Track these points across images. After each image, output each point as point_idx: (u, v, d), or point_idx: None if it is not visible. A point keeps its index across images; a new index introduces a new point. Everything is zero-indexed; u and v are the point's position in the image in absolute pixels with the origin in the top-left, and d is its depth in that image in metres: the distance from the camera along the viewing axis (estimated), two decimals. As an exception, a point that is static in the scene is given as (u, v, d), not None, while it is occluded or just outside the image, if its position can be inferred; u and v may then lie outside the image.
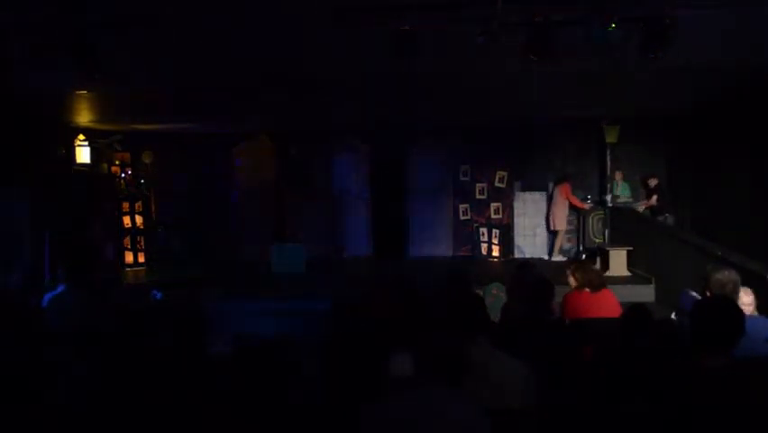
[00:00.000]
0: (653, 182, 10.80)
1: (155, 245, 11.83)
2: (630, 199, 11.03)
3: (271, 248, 10.68)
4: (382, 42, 5.02)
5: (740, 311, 2.59)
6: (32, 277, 8.77)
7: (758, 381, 2.40)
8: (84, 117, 9.63)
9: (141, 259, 11.54)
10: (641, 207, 10.71)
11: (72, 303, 4.60)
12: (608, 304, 4.47)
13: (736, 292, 3.60)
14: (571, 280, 4.74)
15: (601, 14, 4.78)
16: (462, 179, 12.22)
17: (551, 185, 11.77)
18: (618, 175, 11.16)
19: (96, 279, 9.32)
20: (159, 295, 4.37)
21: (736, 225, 8.73)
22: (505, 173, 12.07)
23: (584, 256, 10.68)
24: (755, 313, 3.96)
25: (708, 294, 3.62)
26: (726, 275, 3.63)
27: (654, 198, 10.63)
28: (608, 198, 11.43)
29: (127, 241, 11.45)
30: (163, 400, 2.64)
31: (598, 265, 9.48)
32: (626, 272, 9.28)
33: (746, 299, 3.85)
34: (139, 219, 11.65)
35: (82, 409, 2.64)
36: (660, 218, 10.39)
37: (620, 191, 11.12)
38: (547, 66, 5.18)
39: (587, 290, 4.59)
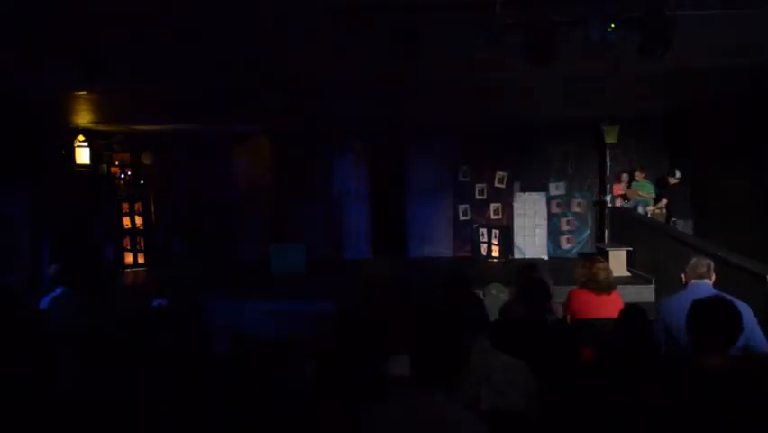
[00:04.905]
0: (672, 180, 10.28)
1: (155, 246, 11.82)
2: (649, 198, 10.70)
3: (270, 248, 10.67)
4: (382, 42, 5.02)
5: (737, 310, 2.60)
6: (31, 277, 8.77)
7: (757, 379, 2.40)
8: (83, 118, 9.62)
9: (141, 260, 11.53)
10: (649, 210, 10.56)
11: (72, 304, 4.59)
12: (609, 305, 4.44)
13: (710, 275, 3.88)
14: (578, 277, 4.71)
15: (601, 15, 4.78)
16: (462, 179, 12.23)
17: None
18: (640, 175, 10.91)
19: (96, 279, 9.32)
20: (162, 302, 4.36)
21: (737, 225, 8.73)
22: (504, 173, 12.08)
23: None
24: None
25: (685, 280, 3.96)
26: (701, 259, 3.96)
27: (664, 201, 10.47)
28: (608, 198, 11.43)
29: (127, 241, 11.45)
30: (163, 401, 2.64)
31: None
32: (625, 272, 9.27)
33: None
34: (138, 220, 11.64)
35: (81, 410, 2.63)
36: (669, 222, 10.17)
37: (645, 191, 10.81)
38: (547, 66, 5.18)
39: (591, 289, 4.57)
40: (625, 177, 11.13)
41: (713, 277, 3.89)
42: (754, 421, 2.22)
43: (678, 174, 10.23)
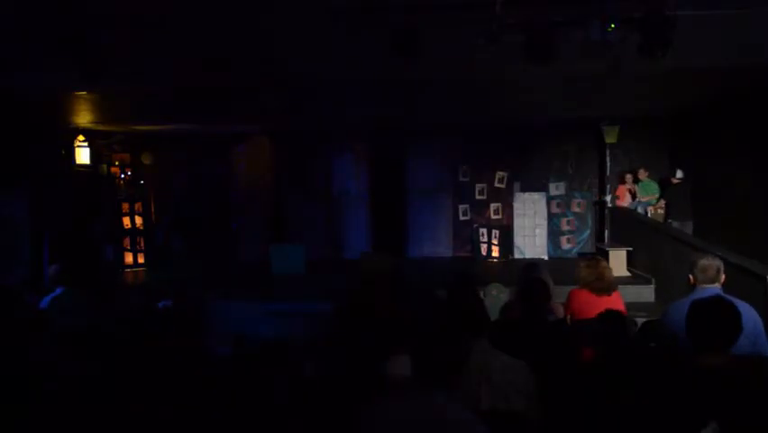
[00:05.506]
0: (674, 180, 10.25)
1: (155, 246, 11.82)
2: (654, 198, 10.68)
3: (270, 249, 10.68)
4: (382, 42, 5.02)
5: (736, 310, 2.59)
6: (31, 277, 8.77)
7: (757, 379, 2.40)
8: (83, 118, 9.62)
9: (141, 260, 11.54)
10: (650, 210, 10.56)
11: (72, 304, 4.59)
12: (610, 306, 4.42)
13: (720, 278, 3.67)
14: (583, 277, 4.70)
15: (601, 15, 4.78)
16: (462, 179, 12.24)
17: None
18: (643, 174, 10.88)
19: (96, 279, 9.32)
20: (167, 303, 4.37)
21: (737, 225, 8.73)
22: (504, 174, 12.09)
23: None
24: None
25: (692, 281, 3.70)
26: (710, 260, 3.70)
27: (662, 202, 10.46)
28: (608, 198, 11.43)
29: (127, 241, 11.45)
30: (163, 401, 2.64)
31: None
32: (625, 272, 9.28)
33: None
34: (138, 220, 11.65)
35: (82, 410, 2.63)
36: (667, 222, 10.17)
37: (642, 192, 10.79)
38: (547, 66, 5.18)
39: (596, 288, 4.55)
40: (629, 177, 11.12)
41: (722, 279, 3.69)
42: (753, 421, 2.22)
43: (679, 174, 10.22)
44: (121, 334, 3.50)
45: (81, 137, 10.42)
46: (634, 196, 10.98)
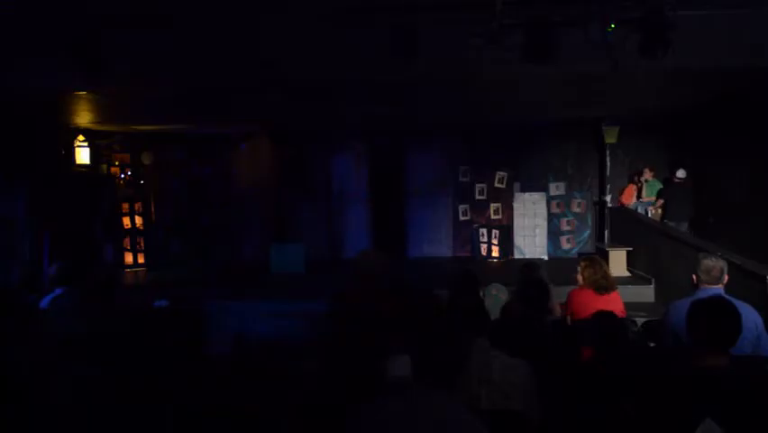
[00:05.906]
0: (675, 180, 10.19)
1: (155, 246, 11.82)
2: (654, 198, 10.64)
3: (270, 248, 10.68)
4: (382, 42, 5.02)
5: (736, 310, 2.59)
6: (31, 277, 8.77)
7: (758, 380, 2.40)
8: (83, 118, 9.62)
9: (141, 260, 11.54)
10: (651, 211, 10.56)
11: (72, 304, 4.59)
12: (610, 305, 4.43)
13: (723, 279, 3.67)
14: (579, 278, 4.71)
15: (601, 15, 4.78)
16: (462, 179, 12.23)
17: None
18: (649, 174, 10.83)
19: (96, 280, 9.31)
20: (162, 303, 4.36)
21: (737, 225, 8.73)
22: (504, 174, 12.09)
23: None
24: None
25: (695, 281, 3.71)
26: (714, 261, 3.70)
27: (660, 201, 10.47)
28: (608, 198, 11.43)
29: (127, 242, 11.45)
30: (163, 401, 2.64)
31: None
32: (625, 273, 9.28)
33: None
34: (138, 220, 11.65)
35: (82, 410, 2.63)
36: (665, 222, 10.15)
37: (648, 192, 10.76)
38: (547, 66, 5.18)
39: (592, 289, 4.56)
40: (638, 177, 11.09)
41: (726, 280, 3.69)
42: (752, 422, 2.22)
43: (681, 173, 10.20)
44: (120, 334, 3.49)
45: (81, 137, 10.41)
46: (639, 196, 10.98)
